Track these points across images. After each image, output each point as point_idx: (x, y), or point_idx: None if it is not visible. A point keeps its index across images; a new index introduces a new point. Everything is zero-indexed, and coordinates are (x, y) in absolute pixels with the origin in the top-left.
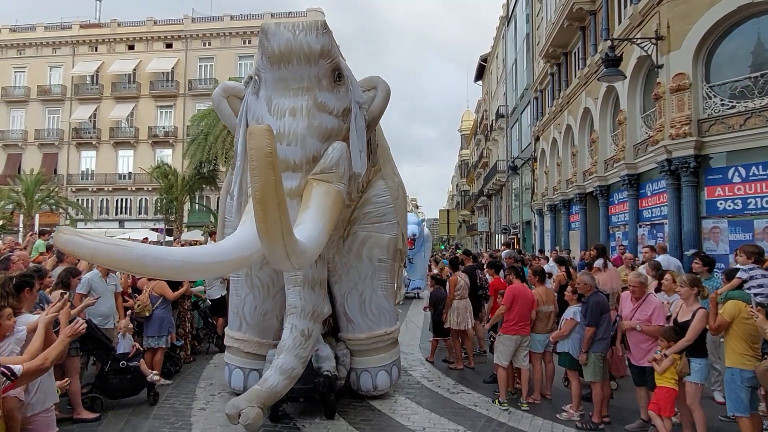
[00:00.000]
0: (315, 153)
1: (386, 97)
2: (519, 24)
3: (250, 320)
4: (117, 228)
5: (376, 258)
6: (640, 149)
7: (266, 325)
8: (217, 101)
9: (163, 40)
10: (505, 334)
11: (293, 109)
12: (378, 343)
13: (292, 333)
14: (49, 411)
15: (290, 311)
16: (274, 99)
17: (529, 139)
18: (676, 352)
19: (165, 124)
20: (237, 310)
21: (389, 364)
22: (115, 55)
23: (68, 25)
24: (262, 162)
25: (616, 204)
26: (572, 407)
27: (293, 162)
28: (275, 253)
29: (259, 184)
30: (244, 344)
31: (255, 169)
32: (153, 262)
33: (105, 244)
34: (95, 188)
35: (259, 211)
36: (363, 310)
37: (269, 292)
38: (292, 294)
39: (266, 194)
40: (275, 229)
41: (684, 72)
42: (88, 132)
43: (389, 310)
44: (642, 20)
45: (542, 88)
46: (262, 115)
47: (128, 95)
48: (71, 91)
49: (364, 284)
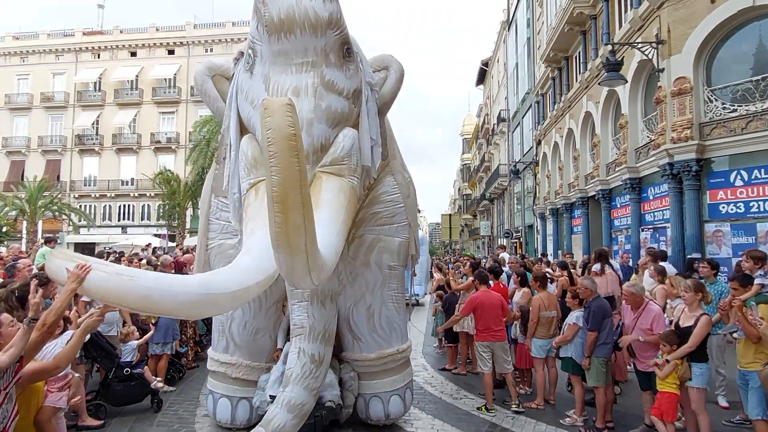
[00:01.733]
0: (323, 140)
1: (400, 79)
2: (520, 28)
3: (239, 340)
4: (119, 234)
5: (385, 265)
6: (641, 153)
7: (258, 345)
8: (201, 82)
9: (165, 47)
10: (477, 342)
11: (296, 88)
12: (389, 363)
13: (299, 359)
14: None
15: (296, 332)
16: (273, 76)
17: (530, 143)
18: (677, 357)
19: (167, 130)
20: (222, 328)
21: (402, 387)
22: (117, 62)
23: (71, 32)
24: (283, 147)
25: (618, 208)
26: (576, 412)
27: None
28: (294, 269)
29: (279, 178)
30: (231, 368)
31: (273, 156)
32: (163, 296)
33: (104, 273)
34: (98, 194)
35: (277, 214)
36: (372, 326)
37: (261, 306)
38: (298, 311)
39: (288, 191)
40: (297, 238)
41: (685, 76)
42: (91, 138)
43: (401, 324)
44: (642, 24)
45: (543, 92)
46: (259, 95)
47: (131, 102)
48: (74, 98)
49: (372, 295)
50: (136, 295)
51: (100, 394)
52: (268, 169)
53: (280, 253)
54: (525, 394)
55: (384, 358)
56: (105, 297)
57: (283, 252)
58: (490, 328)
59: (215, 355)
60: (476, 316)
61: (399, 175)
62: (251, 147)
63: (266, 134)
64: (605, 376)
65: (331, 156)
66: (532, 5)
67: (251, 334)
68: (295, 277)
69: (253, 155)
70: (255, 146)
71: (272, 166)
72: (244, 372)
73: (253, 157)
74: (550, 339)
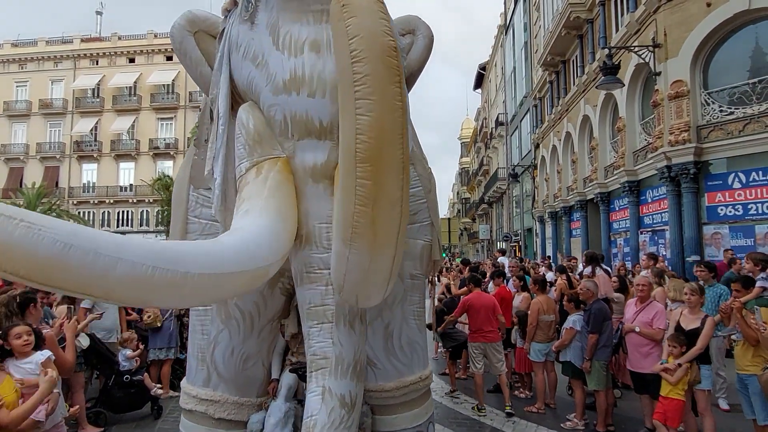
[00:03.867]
0: None
1: (429, 45)
2: (517, 32)
3: (224, 370)
4: None
5: (407, 274)
6: (639, 156)
7: (248, 376)
8: (179, 39)
9: (163, 53)
10: (469, 342)
11: (315, 41)
12: (411, 393)
13: (326, 403)
14: (59, 427)
15: (316, 365)
16: (284, 26)
17: (528, 147)
18: (688, 360)
19: (166, 136)
20: (202, 355)
21: (425, 422)
22: (115, 69)
23: (69, 39)
24: (381, 66)
25: (616, 211)
26: (576, 416)
27: (319, 123)
28: (371, 276)
29: (374, 116)
30: (213, 407)
31: (363, 80)
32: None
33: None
34: (97, 201)
35: (361, 180)
36: (390, 348)
37: (253, 327)
38: (318, 336)
39: (385, 142)
40: (390, 223)
41: (682, 79)
42: (90, 145)
43: (423, 345)
44: (639, 28)
45: (541, 96)
46: (264, 50)
47: (129, 108)
48: (72, 105)
49: (391, 311)
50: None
51: (100, 402)
52: (350, 103)
53: (355, 248)
54: (525, 398)
55: (404, 388)
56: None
57: (363, 245)
58: (482, 330)
59: (192, 390)
60: (469, 317)
61: (420, 165)
62: (254, 118)
63: (350, 44)
64: (606, 379)
65: None
66: (529, 9)
67: (240, 363)
68: (366, 288)
69: (256, 128)
70: (259, 117)
71: (361, 97)
72: (230, 411)
73: (257, 131)
74: (549, 343)
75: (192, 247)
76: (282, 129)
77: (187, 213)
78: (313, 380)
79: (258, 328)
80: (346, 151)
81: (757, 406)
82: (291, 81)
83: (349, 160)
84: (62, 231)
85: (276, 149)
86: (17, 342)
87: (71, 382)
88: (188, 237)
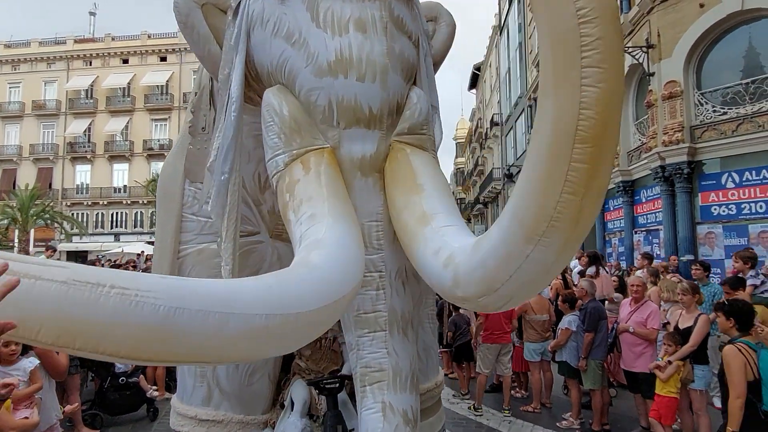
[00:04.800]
0: (399, 98)
1: (452, 34)
2: (512, 33)
3: (229, 386)
4: (112, 242)
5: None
6: (633, 156)
7: (253, 391)
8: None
9: (157, 54)
10: (484, 344)
11: (361, 20)
12: (426, 401)
13: (388, 421)
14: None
15: (370, 378)
16: (324, 1)
17: (524, 147)
18: (679, 358)
19: (160, 137)
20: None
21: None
22: (109, 69)
23: (62, 40)
24: (612, 29)
25: (611, 210)
26: (572, 415)
27: (369, 110)
28: (553, 272)
29: (603, 90)
30: (216, 428)
31: (594, 50)
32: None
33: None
34: (90, 202)
35: (577, 165)
36: None
37: None
38: (371, 346)
39: (609, 121)
40: (592, 210)
41: (675, 80)
42: (83, 146)
43: (436, 350)
44: (633, 29)
45: (536, 97)
46: (301, 26)
47: (123, 109)
48: (66, 106)
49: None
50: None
51: (96, 404)
52: (572, 71)
53: (544, 244)
54: (522, 397)
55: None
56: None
57: (558, 241)
58: (497, 331)
59: (188, 410)
60: (486, 317)
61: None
62: (288, 103)
63: (576, 1)
64: (601, 379)
65: (409, 121)
66: (523, 10)
67: (245, 377)
68: (530, 291)
69: (292, 115)
70: (294, 102)
71: (590, 64)
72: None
73: (293, 117)
74: (544, 342)
75: (292, 280)
76: (326, 116)
77: (182, 210)
78: (368, 395)
79: None
80: (560, 131)
81: None
82: (337, 62)
83: (565, 140)
84: (162, 292)
85: (318, 138)
86: (4, 350)
87: (67, 384)
88: (184, 237)
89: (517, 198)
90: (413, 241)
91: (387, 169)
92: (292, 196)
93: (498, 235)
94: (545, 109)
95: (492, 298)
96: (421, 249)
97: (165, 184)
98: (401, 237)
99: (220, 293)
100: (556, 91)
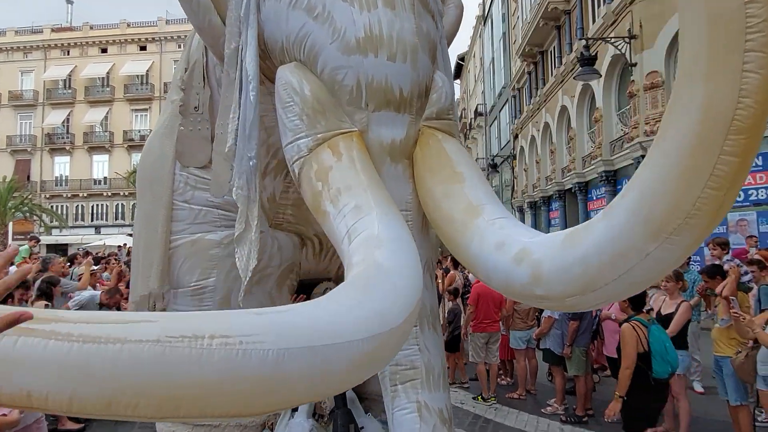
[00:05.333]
0: (428, 81)
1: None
2: (495, 23)
3: None
4: (93, 234)
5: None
6: (616, 146)
7: None
8: None
9: (136, 43)
10: (474, 332)
11: None
12: None
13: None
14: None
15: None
16: None
17: (508, 137)
18: None
19: (140, 127)
20: None
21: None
22: (87, 59)
23: (39, 29)
24: None
25: (594, 200)
26: (556, 401)
27: (399, 93)
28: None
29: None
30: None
31: (763, 27)
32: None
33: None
34: (70, 194)
35: (741, 149)
36: None
37: None
38: None
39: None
40: (728, 208)
41: (657, 70)
42: (62, 137)
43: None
44: (615, 19)
45: (520, 87)
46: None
47: (102, 99)
48: (43, 96)
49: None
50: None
51: None
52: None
53: (672, 243)
54: (507, 384)
55: None
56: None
57: (689, 240)
58: (487, 319)
59: None
60: (477, 306)
61: None
62: (308, 82)
63: None
64: (585, 365)
65: (436, 105)
66: (507, 0)
67: None
68: (632, 291)
69: (315, 95)
70: (315, 81)
71: (754, 48)
72: None
73: (316, 98)
74: (529, 330)
75: (376, 291)
76: (353, 97)
77: (173, 197)
78: (401, 395)
79: None
80: (712, 121)
81: (730, 387)
82: (367, 39)
83: (717, 131)
84: (266, 333)
85: (344, 121)
86: None
87: None
88: (174, 227)
89: (641, 192)
90: (462, 234)
91: (418, 155)
92: (326, 184)
93: (607, 231)
94: (691, 97)
95: (587, 298)
96: (476, 242)
97: (152, 168)
98: (443, 228)
99: (322, 322)
100: (711, 77)
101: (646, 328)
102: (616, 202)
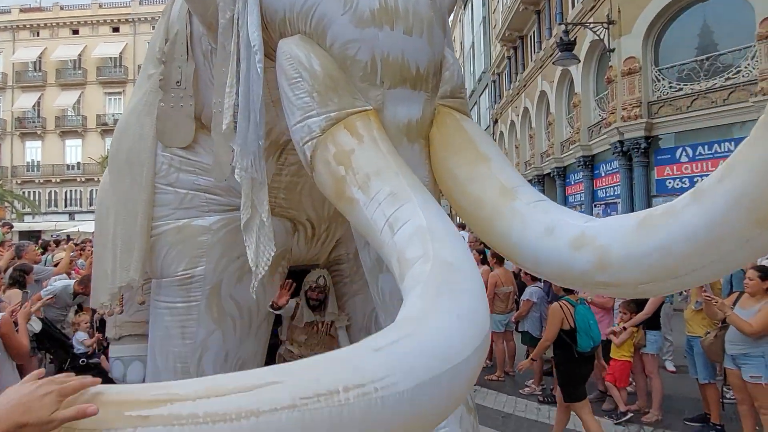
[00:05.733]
0: (441, 57)
1: None
2: (476, 7)
3: None
4: (67, 221)
5: None
6: (594, 131)
7: None
8: None
9: (109, 24)
10: None
11: None
12: None
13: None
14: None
15: None
16: None
17: (488, 122)
18: (633, 324)
19: (114, 111)
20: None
21: None
22: (58, 41)
23: (7, 9)
24: None
25: (572, 185)
26: (534, 382)
27: (416, 69)
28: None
29: None
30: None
31: None
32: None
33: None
34: (42, 180)
35: None
36: None
37: (251, 324)
38: None
39: None
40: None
41: (634, 56)
42: (33, 121)
43: None
44: (594, 5)
45: (500, 72)
46: None
47: (74, 82)
48: (12, 79)
49: None
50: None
51: None
52: None
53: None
54: (485, 366)
55: None
56: None
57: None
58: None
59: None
60: None
61: None
62: (318, 57)
63: None
64: None
65: (449, 83)
66: None
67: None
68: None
69: (326, 71)
70: (325, 56)
71: None
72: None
73: (327, 74)
74: (508, 314)
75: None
76: (367, 73)
77: (155, 179)
78: None
79: (256, 325)
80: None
81: (700, 366)
82: (381, 11)
83: None
84: (393, 372)
85: (358, 99)
86: None
87: (24, 367)
88: (157, 212)
89: (745, 177)
90: (498, 219)
91: (435, 135)
92: (349, 168)
93: (701, 217)
94: None
95: (665, 285)
96: (517, 228)
97: (129, 149)
98: (472, 213)
99: (435, 345)
100: None
101: (573, 307)
102: (710, 186)
